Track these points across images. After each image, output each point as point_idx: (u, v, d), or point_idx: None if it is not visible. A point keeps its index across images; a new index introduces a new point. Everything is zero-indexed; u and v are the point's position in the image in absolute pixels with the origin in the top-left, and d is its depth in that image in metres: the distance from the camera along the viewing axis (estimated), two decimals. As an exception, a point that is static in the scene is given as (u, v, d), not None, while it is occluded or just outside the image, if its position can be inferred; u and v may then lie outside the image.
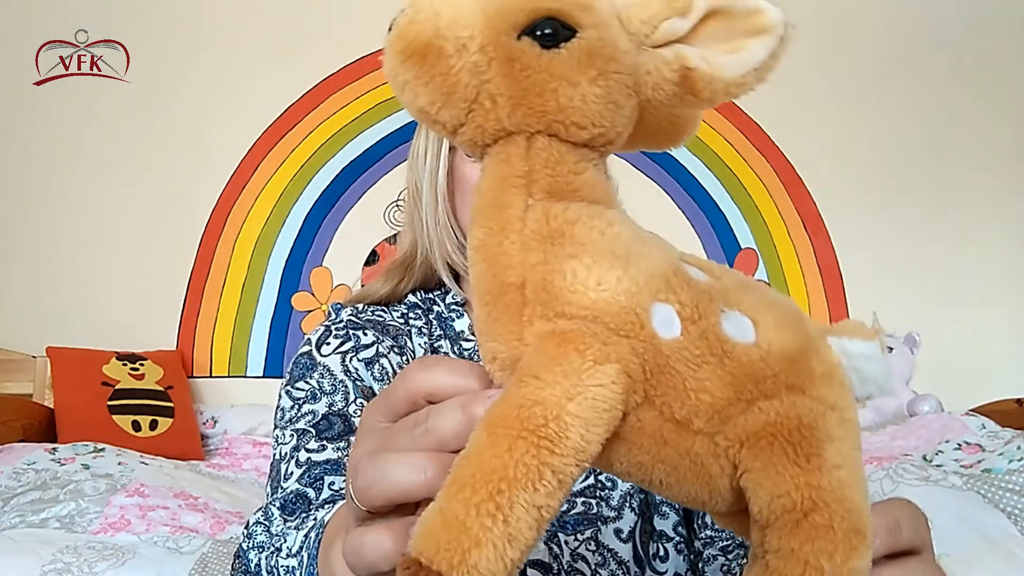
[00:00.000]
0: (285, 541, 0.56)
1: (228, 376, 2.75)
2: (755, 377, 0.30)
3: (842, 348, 0.33)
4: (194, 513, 1.70)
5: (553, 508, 0.27)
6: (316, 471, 0.64)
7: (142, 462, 1.99)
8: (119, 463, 1.94)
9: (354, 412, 0.70)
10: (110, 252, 2.79)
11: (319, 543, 0.46)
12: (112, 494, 1.72)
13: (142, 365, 2.48)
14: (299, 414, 0.70)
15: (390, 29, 0.32)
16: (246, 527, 0.63)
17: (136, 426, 2.31)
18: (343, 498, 0.54)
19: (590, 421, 0.28)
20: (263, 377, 2.75)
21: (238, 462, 2.33)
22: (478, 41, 0.31)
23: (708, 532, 0.74)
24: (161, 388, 2.44)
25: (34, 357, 2.54)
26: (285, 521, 0.61)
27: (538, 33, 0.31)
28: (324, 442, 0.67)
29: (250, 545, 0.62)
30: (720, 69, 0.32)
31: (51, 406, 2.35)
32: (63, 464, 1.90)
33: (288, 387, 0.74)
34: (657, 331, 0.30)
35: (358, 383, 0.73)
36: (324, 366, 0.73)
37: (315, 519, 0.56)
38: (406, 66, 0.31)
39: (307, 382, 0.72)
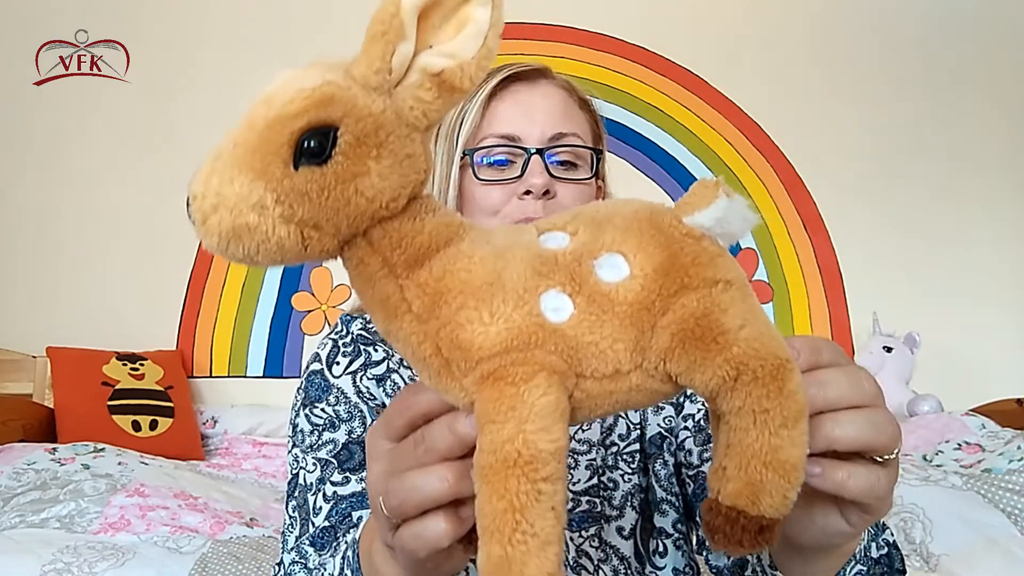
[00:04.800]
0: (325, 569, 0.59)
1: (228, 376, 2.75)
2: (644, 305, 0.35)
3: (697, 223, 0.37)
4: (194, 513, 1.70)
5: (561, 499, 0.34)
6: (343, 506, 0.67)
7: (142, 462, 1.99)
8: (119, 463, 1.94)
9: None
10: (110, 252, 2.79)
11: (357, 556, 0.51)
12: (112, 494, 1.72)
13: (142, 365, 2.48)
14: (319, 442, 0.72)
15: (192, 221, 0.34)
16: (280, 564, 0.66)
17: (136, 426, 2.30)
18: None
19: (548, 427, 0.33)
20: (263, 377, 2.75)
21: (238, 462, 2.32)
22: (270, 196, 0.33)
23: None
24: (161, 388, 2.44)
25: (34, 357, 2.54)
26: (320, 555, 0.64)
27: (308, 148, 0.33)
28: (347, 474, 0.69)
29: None
30: (461, 54, 0.34)
31: (51, 406, 2.35)
32: (63, 464, 1.90)
33: (306, 410, 0.74)
34: (554, 321, 0.35)
35: (371, 403, 0.74)
36: (338, 388, 0.74)
37: (346, 542, 0.60)
38: (231, 251, 0.34)
39: (324, 410, 0.73)
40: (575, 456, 0.76)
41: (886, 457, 0.39)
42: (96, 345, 2.51)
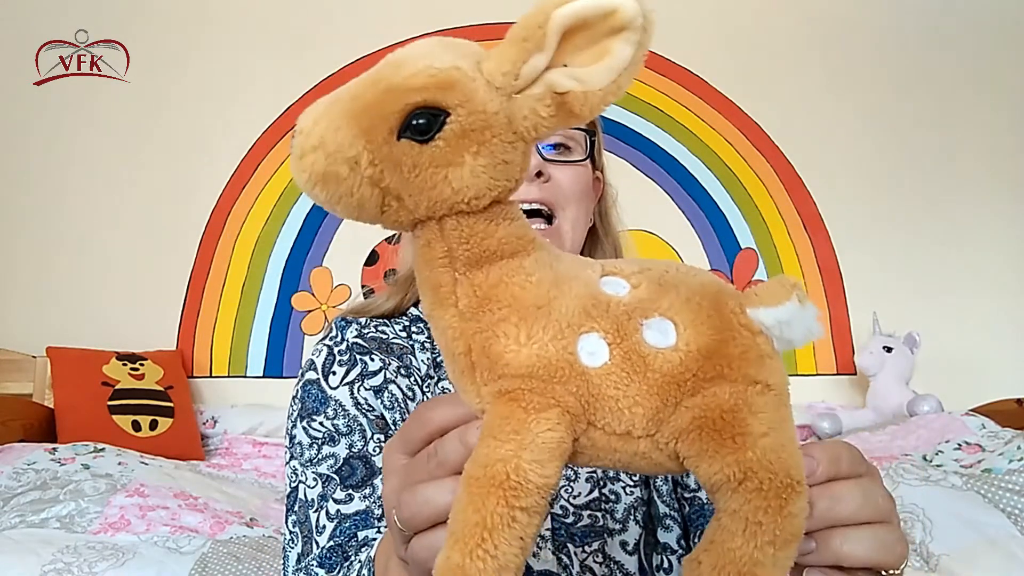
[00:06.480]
0: None
1: (228, 376, 2.75)
2: (677, 381, 0.35)
3: (759, 319, 0.37)
4: (194, 513, 1.70)
5: (532, 534, 0.34)
6: (347, 525, 0.67)
7: (142, 462, 1.99)
8: (119, 463, 1.94)
9: (372, 450, 0.71)
10: (110, 252, 2.80)
11: (373, 573, 0.52)
12: (112, 494, 1.72)
13: (142, 365, 2.48)
14: (319, 456, 0.71)
15: (291, 152, 0.35)
16: None
17: (136, 426, 2.31)
18: (375, 542, 0.62)
19: (544, 461, 0.33)
20: (263, 377, 2.75)
21: (238, 462, 2.32)
22: (366, 156, 0.34)
23: None
24: (161, 388, 2.44)
25: (34, 357, 2.54)
26: (329, 574, 0.64)
27: (415, 124, 0.34)
28: (350, 491, 0.69)
29: None
30: (590, 82, 0.34)
31: (51, 406, 2.35)
32: (63, 464, 1.90)
33: (303, 422, 0.73)
34: (586, 364, 0.35)
35: (370, 415, 0.73)
36: (336, 401, 0.73)
37: (360, 561, 0.61)
38: (315, 192, 0.35)
39: (322, 423, 0.73)
40: (575, 469, 0.75)
41: (892, 573, 0.39)
42: (96, 345, 2.51)
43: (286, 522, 0.72)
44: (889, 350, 2.53)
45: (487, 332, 0.35)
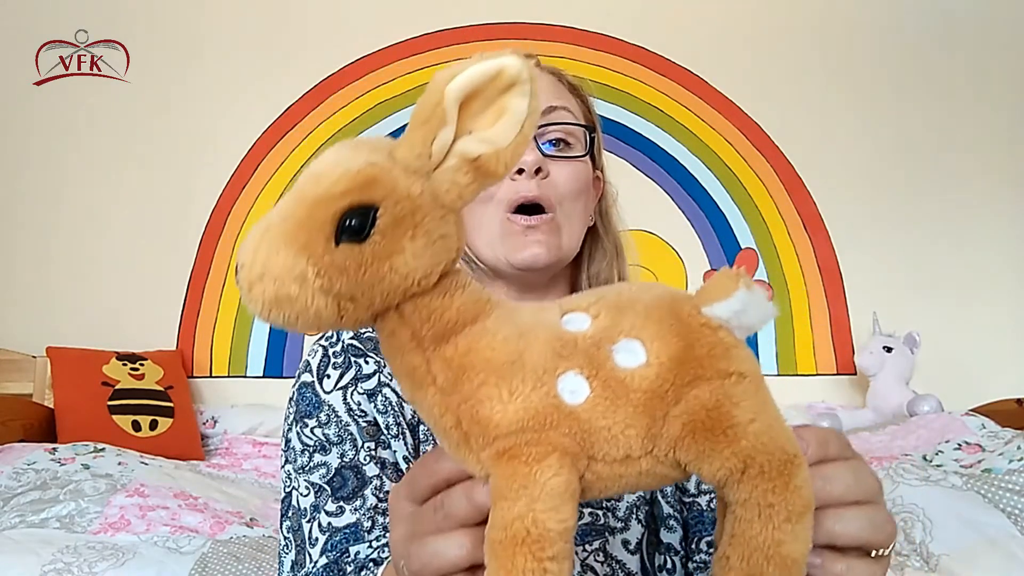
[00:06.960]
0: None
1: (228, 376, 2.75)
2: (658, 395, 0.36)
3: (715, 315, 0.38)
4: (194, 513, 1.70)
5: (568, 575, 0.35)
6: (338, 539, 0.68)
7: (142, 462, 1.99)
8: (119, 463, 1.94)
9: (364, 459, 0.71)
10: (110, 252, 2.80)
11: None
12: (112, 494, 1.72)
13: (142, 365, 2.48)
14: (311, 464, 0.72)
15: (239, 287, 0.36)
16: None
17: (136, 426, 2.31)
18: (373, 563, 0.65)
19: (558, 507, 0.35)
20: (263, 377, 2.75)
21: (238, 462, 2.32)
22: (311, 270, 0.35)
23: (702, 556, 0.74)
24: (161, 388, 2.44)
25: (34, 357, 2.54)
26: None
27: (349, 227, 0.35)
28: (341, 503, 0.69)
29: None
30: (498, 141, 0.36)
31: (51, 406, 2.35)
32: (63, 464, 1.90)
33: (297, 427, 0.74)
34: (570, 403, 0.36)
35: (361, 421, 0.73)
36: (329, 406, 0.73)
37: None
38: (272, 316, 0.36)
39: (314, 430, 0.73)
40: None
41: (882, 552, 0.40)
42: (96, 345, 2.51)
43: (281, 526, 0.72)
44: (889, 350, 2.54)
45: (471, 400, 0.36)
